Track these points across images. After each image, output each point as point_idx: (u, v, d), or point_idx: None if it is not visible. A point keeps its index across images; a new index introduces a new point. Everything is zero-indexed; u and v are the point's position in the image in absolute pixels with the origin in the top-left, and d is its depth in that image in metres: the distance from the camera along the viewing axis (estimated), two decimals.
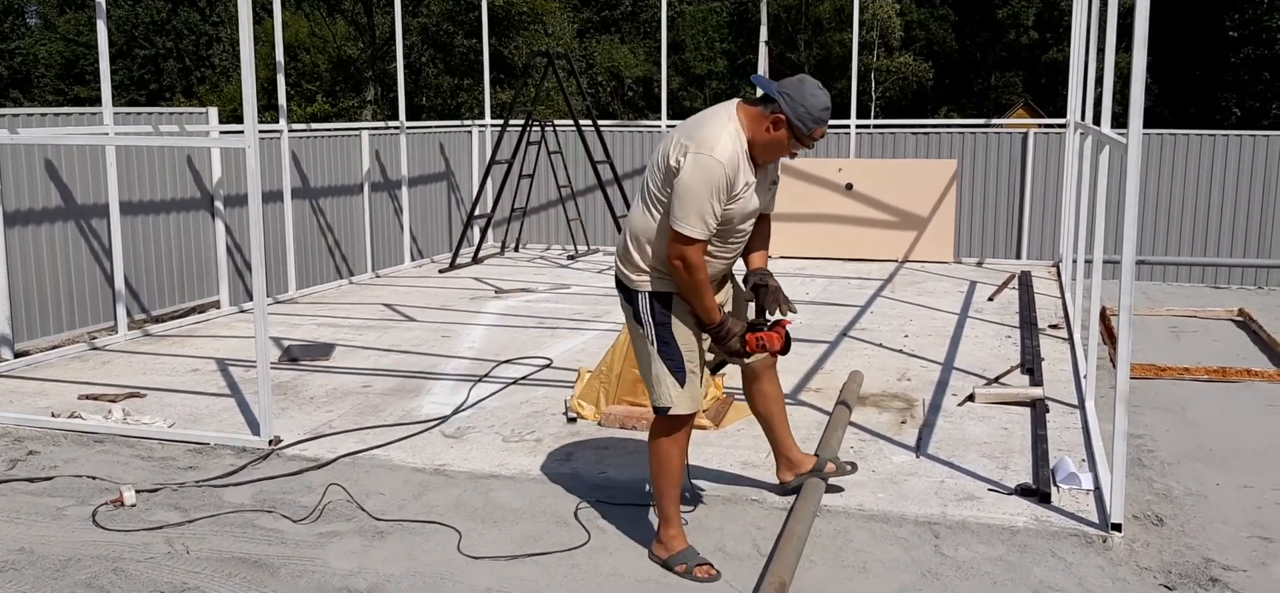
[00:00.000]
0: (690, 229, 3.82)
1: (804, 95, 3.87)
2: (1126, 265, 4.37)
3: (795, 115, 3.86)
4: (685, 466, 4.27)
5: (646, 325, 4.07)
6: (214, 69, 40.25)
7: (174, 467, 5.34)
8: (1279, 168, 11.87)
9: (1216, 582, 4.04)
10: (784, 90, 3.88)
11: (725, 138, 3.85)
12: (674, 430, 4.11)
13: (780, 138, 3.90)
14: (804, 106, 3.86)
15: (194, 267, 9.73)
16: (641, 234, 4.03)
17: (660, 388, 4.08)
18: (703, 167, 3.79)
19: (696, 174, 3.79)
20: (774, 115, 3.88)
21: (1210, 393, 6.89)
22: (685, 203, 3.81)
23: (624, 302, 4.18)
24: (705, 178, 3.80)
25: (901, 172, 12.37)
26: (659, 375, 4.07)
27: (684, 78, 38.44)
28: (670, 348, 4.05)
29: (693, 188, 3.80)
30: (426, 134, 13.14)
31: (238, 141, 5.45)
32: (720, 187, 3.83)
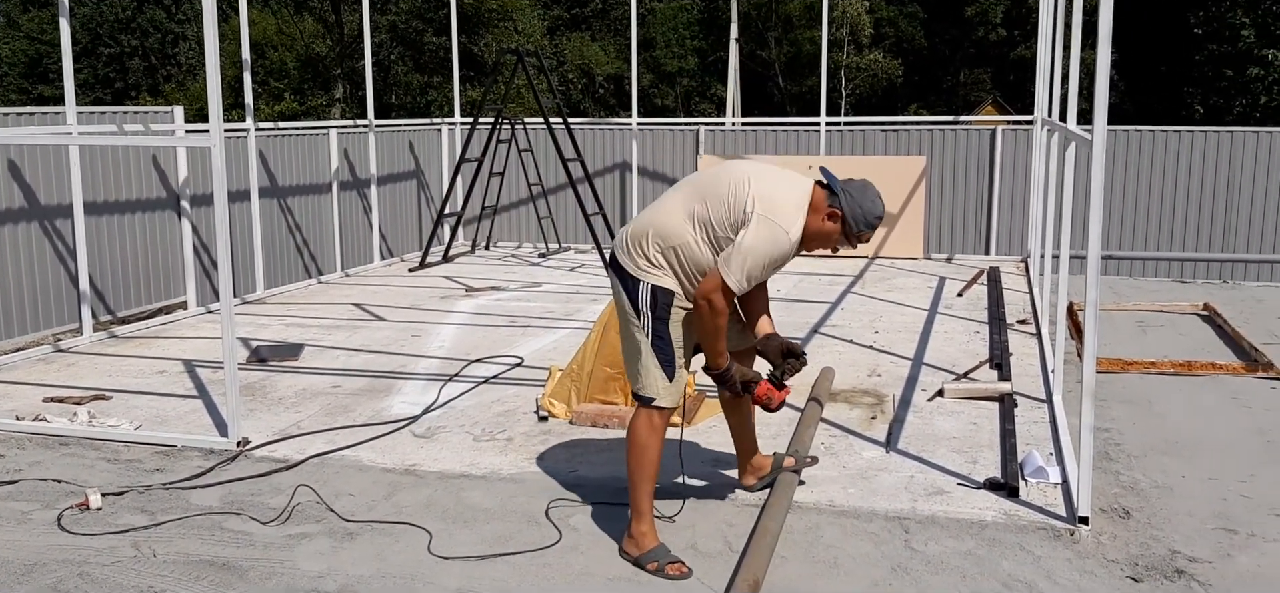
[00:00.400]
0: (735, 282, 3.91)
1: (865, 199, 4.02)
2: (1092, 261, 4.41)
3: (852, 216, 4.00)
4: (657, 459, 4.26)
5: (644, 315, 4.05)
6: (180, 67, 39.85)
7: (140, 469, 5.28)
8: (1242, 164, 12.01)
9: (1182, 573, 4.09)
10: (848, 189, 4.02)
11: (800, 220, 3.96)
12: (655, 421, 4.10)
13: (833, 231, 4.04)
14: (862, 210, 4.01)
15: (160, 267, 9.63)
16: (673, 242, 4.00)
17: (647, 378, 4.07)
18: (775, 239, 3.90)
19: (766, 242, 3.89)
20: (832, 210, 4.00)
21: (1176, 386, 6.96)
22: (744, 259, 3.89)
23: (620, 287, 4.14)
24: (771, 248, 3.91)
25: (871, 169, 12.41)
26: (647, 366, 4.06)
27: (655, 75, 38.43)
28: (664, 342, 4.05)
29: (757, 251, 3.89)
30: (396, 132, 13.08)
31: (203, 140, 5.40)
32: (778, 260, 3.97)
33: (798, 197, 3.99)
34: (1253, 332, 8.64)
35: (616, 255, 4.16)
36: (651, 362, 4.06)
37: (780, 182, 4.01)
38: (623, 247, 4.13)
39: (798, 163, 12.45)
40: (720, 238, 3.96)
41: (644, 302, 4.05)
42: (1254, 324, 9.04)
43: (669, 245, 4.01)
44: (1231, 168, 12.05)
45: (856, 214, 4.00)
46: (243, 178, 10.16)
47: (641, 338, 4.07)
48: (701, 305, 3.98)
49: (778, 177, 4.04)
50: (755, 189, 3.93)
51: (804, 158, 12.63)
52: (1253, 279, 12.06)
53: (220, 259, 5.43)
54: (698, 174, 4.18)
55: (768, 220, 3.88)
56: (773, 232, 3.89)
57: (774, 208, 3.91)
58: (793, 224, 3.93)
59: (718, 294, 3.94)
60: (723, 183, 4.00)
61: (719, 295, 3.94)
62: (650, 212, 4.14)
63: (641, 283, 4.04)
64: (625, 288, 4.10)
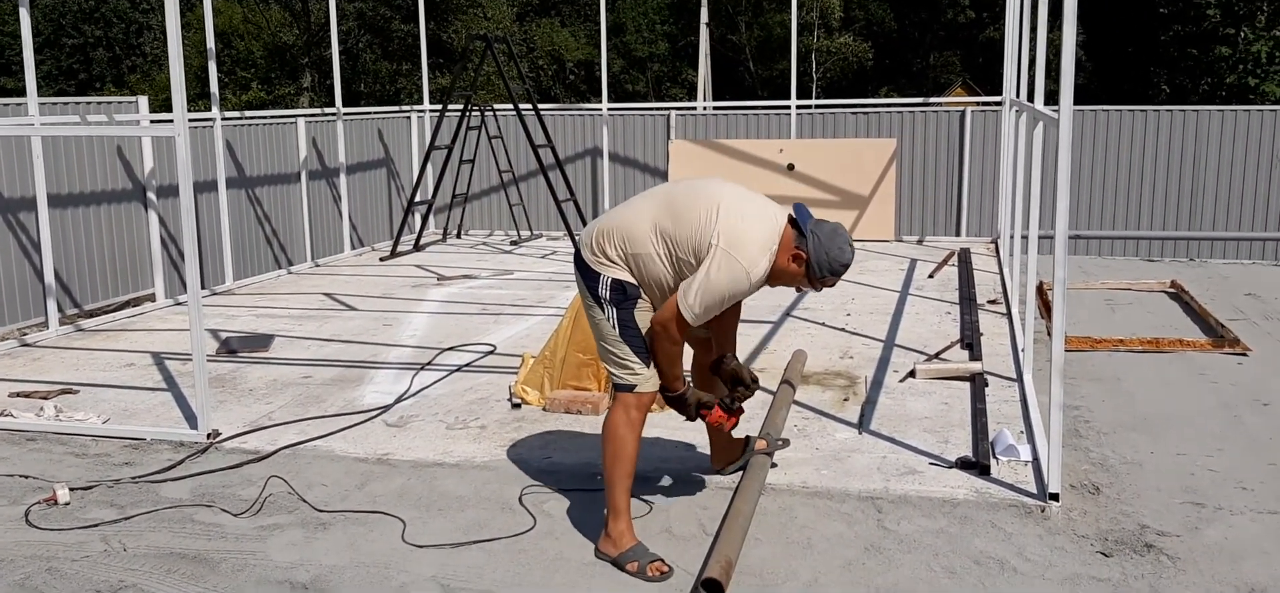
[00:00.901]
0: (692, 315, 3.85)
1: (832, 244, 3.89)
2: (1060, 240, 4.44)
3: (816, 260, 3.89)
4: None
5: (608, 307, 4.01)
6: (145, 58, 39.39)
7: (109, 463, 5.23)
8: (1208, 142, 12.13)
9: (1151, 547, 4.13)
10: (816, 232, 3.90)
11: (764, 263, 3.86)
12: (632, 415, 4.04)
13: (797, 272, 3.94)
14: (827, 255, 3.88)
15: (127, 259, 9.53)
16: (635, 249, 3.96)
17: (627, 366, 4.02)
18: (734, 277, 3.82)
19: (724, 279, 3.81)
20: (799, 251, 3.90)
21: (1144, 364, 7.03)
22: (702, 293, 3.82)
23: (583, 281, 4.11)
24: (730, 285, 3.84)
25: (842, 151, 12.46)
26: (624, 356, 4.02)
27: (625, 60, 38.36)
28: (632, 331, 4.02)
29: (715, 288, 3.82)
30: (365, 120, 12.99)
31: (168, 130, 5.33)
32: (736, 296, 3.92)
33: (766, 234, 3.88)
34: (1219, 308, 8.74)
35: (580, 250, 4.13)
36: (625, 350, 4.02)
37: (751, 215, 3.90)
38: (587, 243, 4.09)
39: (768, 147, 12.48)
40: (681, 259, 3.90)
41: (604, 293, 4.00)
42: (1220, 301, 9.15)
43: (630, 252, 3.97)
44: (1197, 147, 12.16)
45: (821, 259, 3.87)
46: (209, 168, 10.06)
47: (610, 330, 4.03)
48: (657, 330, 3.96)
49: (750, 210, 3.92)
50: (723, 222, 3.83)
51: (774, 142, 12.65)
52: (1219, 256, 12.19)
53: (186, 250, 5.37)
54: (675, 186, 4.10)
55: (729, 256, 3.79)
56: (733, 269, 3.80)
57: (738, 244, 3.81)
58: (755, 264, 3.83)
59: (673, 322, 3.90)
60: (696, 205, 3.91)
61: (674, 324, 3.89)
62: (620, 213, 4.09)
63: (602, 276, 4.01)
64: (587, 281, 4.07)
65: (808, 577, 3.91)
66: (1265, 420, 5.77)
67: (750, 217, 3.89)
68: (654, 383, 4.06)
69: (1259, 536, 4.25)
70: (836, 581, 3.88)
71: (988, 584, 3.83)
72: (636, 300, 4.01)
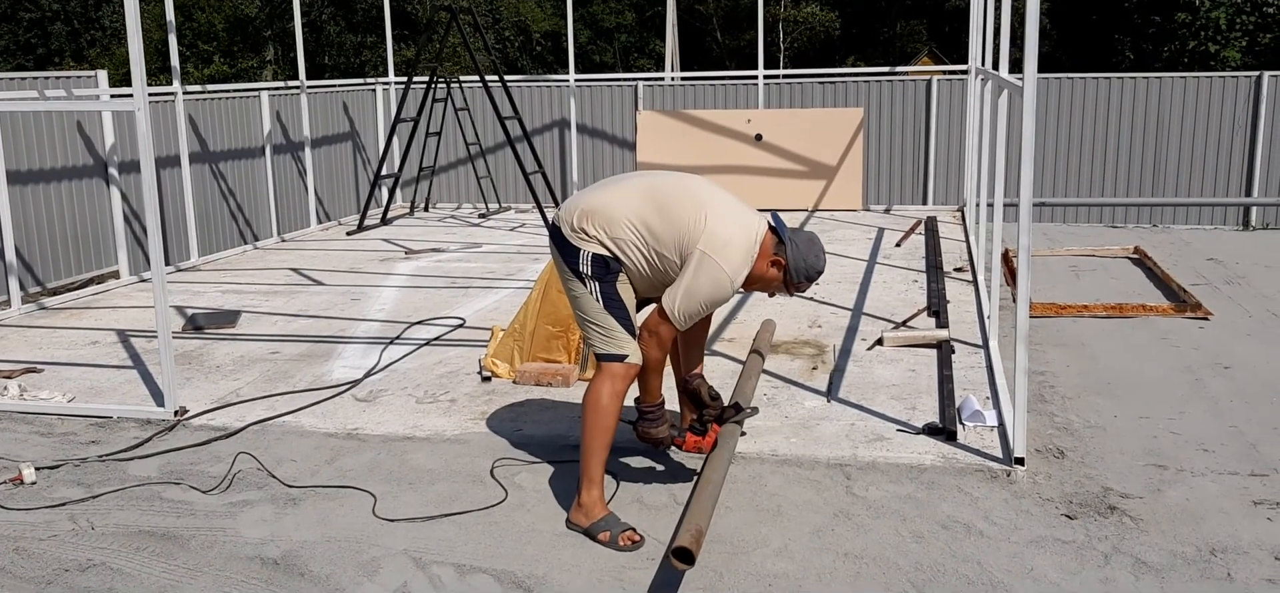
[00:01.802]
0: (677, 319, 3.97)
1: (810, 252, 4.06)
2: (1024, 207, 4.48)
3: (795, 267, 4.03)
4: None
5: (589, 281, 4.01)
6: (104, 31, 38.71)
7: (75, 442, 5.18)
8: (1170, 109, 12.25)
9: (1115, 509, 4.20)
10: (794, 240, 4.05)
11: (744, 269, 3.97)
12: (618, 386, 4.04)
13: (775, 278, 4.08)
14: (806, 262, 4.04)
15: (90, 236, 9.41)
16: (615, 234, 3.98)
17: (614, 338, 4.02)
18: (717, 283, 3.93)
19: (708, 284, 3.92)
20: (777, 258, 4.03)
21: (1108, 329, 7.11)
22: (686, 299, 3.94)
23: (561, 257, 4.11)
24: (713, 291, 3.95)
25: (810, 121, 12.48)
26: (610, 326, 4.02)
27: (592, 31, 38.15)
28: (616, 302, 4.03)
29: (698, 292, 3.93)
30: (329, 93, 12.86)
31: (127, 104, 5.26)
32: (717, 302, 4.02)
33: (749, 241, 3.98)
34: (1181, 273, 8.85)
35: (559, 226, 4.12)
36: (610, 321, 4.02)
37: (736, 224, 3.99)
38: (567, 220, 4.09)
39: (736, 117, 12.48)
40: (663, 255, 3.97)
41: (584, 268, 4.01)
42: (1182, 266, 9.26)
43: (610, 236, 4.00)
44: (1160, 114, 12.28)
45: (799, 266, 4.02)
46: (171, 143, 9.94)
47: (593, 303, 4.03)
48: (645, 337, 4.03)
49: (734, 217, 4.01)
50: (712, 226, 3.92)
51: (742, 112, 12.65)
52: (1181, 222, 12.34)
53: (149, 225, 5.32)
54: (661, 181, 4.11)
55: (714, 262, 3.89)
56: (717, 275, 3.90)
57: (723, 251, 3.91)
58: (737, 272, 3.94)
59: (661, 327, 3.99)
60: (683, 206, 3.97)
61: (664, 327, 3.99)
62: (602, 196, 4.08)
63: (582, 251, 4.01)
64: (565, 257, 4.07)
65: (778, 544, 3.95)
66: (1226, 383, 5.86)
67: (735, 225, 3.99)
68: (640, 355, 4.07)
69: (1219, 496, 4.32)
70: (806, 547, 3.92)
71: (954, 548, 3.88)
72: (618, 274, 4.03)
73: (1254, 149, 12.12)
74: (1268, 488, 4.40)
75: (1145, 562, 3.77)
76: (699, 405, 4.41)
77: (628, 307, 4.05)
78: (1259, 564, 3.74)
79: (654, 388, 4.19)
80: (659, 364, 4.13)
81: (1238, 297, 8.02)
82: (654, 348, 4.05)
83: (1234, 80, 12.21)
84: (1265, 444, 4.90)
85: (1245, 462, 4.69)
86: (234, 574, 3.82)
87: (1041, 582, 3.64)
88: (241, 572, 3.84)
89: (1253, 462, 4.69)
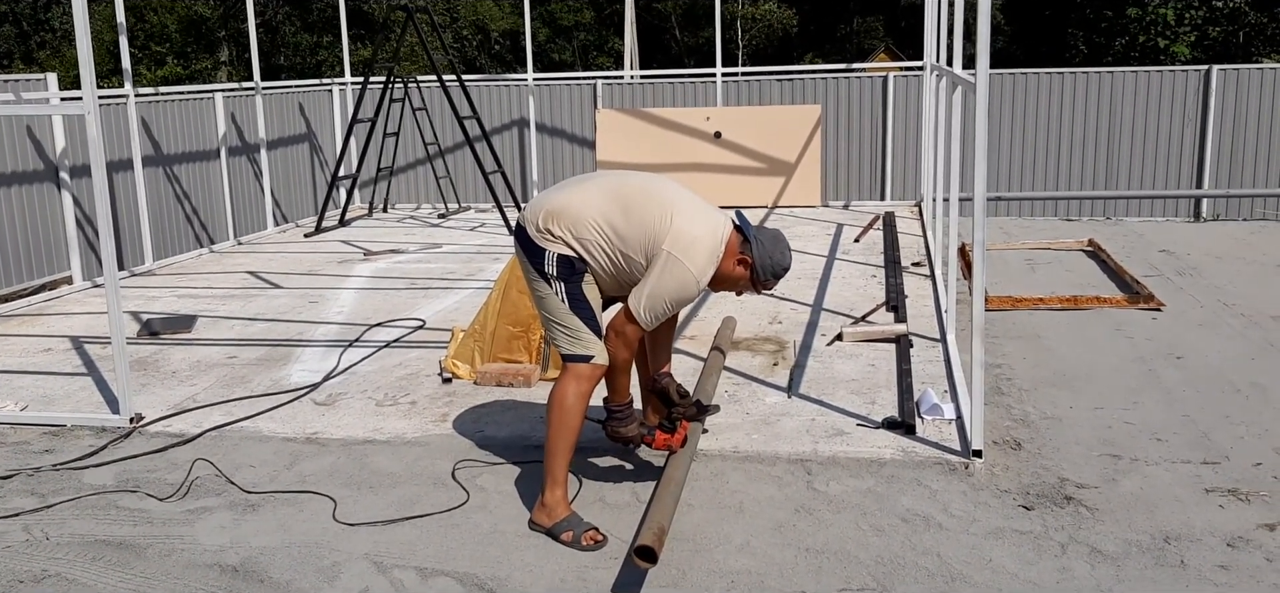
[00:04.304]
0: (643, 319, 3.98)
1: (776, 250, 4.09)
2: (978, 201, 4.52)
3: (761, 265, 4.06)
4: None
5: (554, 282, 4.01)
6: (54, 33, 38.07)
7: (28, 451, 5.10)
8: (1122, 103, 12.42)
9: (1071, 500, 4.25)
10: (760, 238, 4.07)
11: (710, 269, 3.99)
12: (583, 386, 4.03)
13: (741, 276, 4.10)
14: (771, 260, 4.07)
15: (41, 242, 9.26)
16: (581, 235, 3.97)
17: (579, 339, 4.02)
18: (683, 283, 3.94)
19: (674, 285, 3.94)
20: (743, 256, 4.05)
21: (1063, 321, 7.20)
22: (652, 299, 3.95)
23: (525, 258, 4.10)
24: (679, 291, 3.96)
25: (768, 119, 12.53)
26: (576, 327, 4.02)
27: (551, 29, 38.06)
28: (582, 302, 4.02)
29: (664, 292, 3.95)
30: (285, 94, 12.74)
31: (76, 108, 5.18)
32: (683, 301, 4.04)
33: (714, 241, 4.00)
34: (1134, 265, 8.98)
35: (524, 226, 4.11)
36: (576, 322, 4.02)
37: (701, 223, 4.00)
38: (531, 220, 4.08)
39: (695, 115, 12.50)
40: (629, 256, 3.97)
41: (550, 269, 4.01)
42: (1135, 258, 9.40)
43: (576, 236, 4.00)
44: (1113, 107, 12.45)
45: (765, 264, 4.05)
46: (124, 146, 9.81)
47: (559, 303, 4.02)
48: (612, 337, 4.03)
49: (699, 217, 4.02)
50: (677, 225, 3.93)
51: (701, 109, 12.68)
52: (1134, 215, 12.51)
53: (101, 229, 5.24)
54: (627, 181, 4.11)
55: (680, 262, 3.90)
56: (682, 275, 3.92)
57: (688, 251, 3.92)
58: (703, 272, 3.96)
59: (627, 328, 4.00)
60: (648, 207, 3.97)
61: (630, 327, 4.00)
62: (567, 197, 4.07)
63: (547, 252, 4.01)
64: (530, 257, 4.06)
65: (740, 540, 3.97)
66: (1179, 373, 5.96)
67: (700, 225, 4.01)
68: (606, 355, 4.07)
69: (1173, 485, 4.40)
70: (768, 542, 3.94)
71: (914, 541, 3.92)
72: (584, 274, 4.02)
73: (1204, 142, 12.31)
74: (1220, 476, 4.48)
75: (1101, 551, 3.82)
76: (668, 404, 4.41)
77: (594, 307, 4.05)
78: (1212, 551, 3.81)
79: (622, 387, 4.20)
80: (626, 364, 4.13)
81: (1189, 288, 8.15)
82: (621, 348, 4.05)
83: (1184, 74, 12.40)
84: (1217, 433, 4.98)
85: (1198, 450, 4.77)
86: (192, 583, 3.78)
87: (1000, 572, 3.68)
88: (200, 580, 3.80)
89: (1205, 450, 4.77)
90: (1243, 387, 5.68)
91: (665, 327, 4.41)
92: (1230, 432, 4.99)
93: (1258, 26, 27.91)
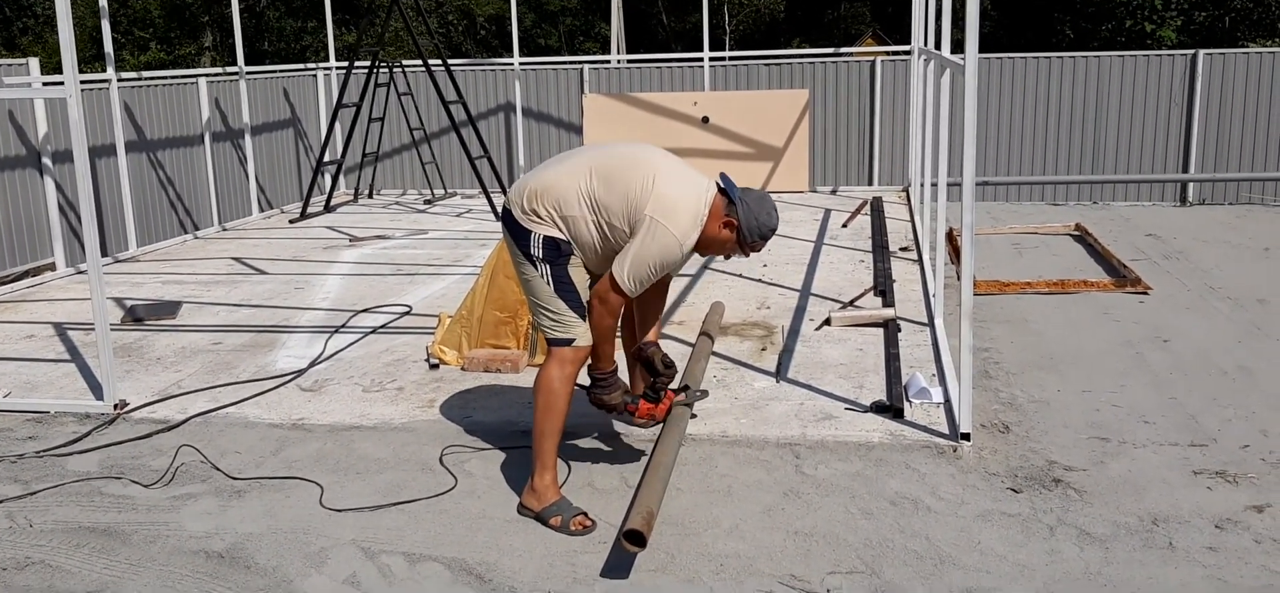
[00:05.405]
0: (627, 286, 3.91)
1: (762, 210, 4.01)
2: (967, 186, 4.52)
3: (747, 226, 3.98)
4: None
5: (540, 264, 3.98)
6: (36, 18, 37.79)
7: (11, 438, 5.06)
8: (1109, 87, 12.43)
9: (1059, 482, 4.26)
10: (745, 199, 4.00)
11: (694, 233, 3.93)
12: (568, 370, 4.02)
13: (728, 239, 4.02)
14: (758, 221, 3.99)
15: (24, 228, 9.18)
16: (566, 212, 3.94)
17: (563, 322, 4.00)
18: (666, 248, 3.88)
19: (657, 250, 3.87)
20: (729, 218, 3.98)
21: (1051, 304, 7.22)
22: (635, 265, 3.87)
23: (512, 240, 4.07)
24: (662, 255, 3.89)
25: (755, 103, 12.50)
26: (560, 311, 4.00)
27: (537, 14, 37.93)
28: (567, 285, 4.00)
29: (647, 257, 3.87)
30: (269, 79, 12.66)
31: (57, 92, 5.13)
32: (669, 267, 3.97)
33: (697, 205, 3.95)
34: (1121, 249, 9.00)
35: (510, 207, 4.08)
36: (561, 305, 4.00)
37: (683, 186, 3.96)
38: (517, 201, 4.05)
39: (683, 99, 12.47)
40: (614, 226, 3.92)
41: (536, 251, 3.98)
42: (1122, 242, 9.42)
43: (563, 214, 3.96)
44: (1099, 92, 12.46)
45: (752, 225, 3.97)
46: (107, 131, 9.73)
47: (543, 286, 4.00)
48: (595, 304, 3.99)
49: (682, 180, 3.98)
50: (659, 189, 3.88)
51: (689, 94, 12.64)
52: (1121, 199, 12.55)
53: (84, 215, 5.20)
54: (607, 151, 4.08)
55: (662, 227, 3.85)
56: (665, 239, 3.86)
57: (671, 214, 3.87)
58: (687, 235, 3.91)
59: (611, 295, 3.94)
60: (630, 174, 3.93)
61: (613, 296, 3.94)
62: (551, 174, 4.04)
63: (533, 233, 3.98)
64: (517, 239, 4.04)
65: (729, 524, 3.96)
66: (1165, 356, 5.97)
67: (683, 187, 3.96)
68: (590, 337, 4.05)
69: (1160, 467, 4.41)
70: (757, 526, 3.93)
71: (903, 524, 3.91)
72: (570, 256, 4.00)
73: (1190, 126, 12.34)
74: (1207, 458, 4.49)
75: (1089, 533, 3.83)
76: (653, 373, 4.36)
77: (579, 290, 4.03)
78: (1199, 533, 3.82)
79: (606, 355, 4.16)
80: (609, 332, 4.08)
81: (1176, 271, 8.17)
82: (604, 316, 4.00)
83: (1171, 58, 12.42)
84: (1204, 415, 5.00)
85: (1185, 433, 4.78)
86: (178, 569, 3.75)
87: (988, 555, 3.68)
88: (186, 566, 3.77)
89: (1192, 433, 4.78)
90: (1229, 369, 5.70)
91: (654, 295, 4.36)
92: (1217, 414, 5.01)
93: (1244, 11, 27.98)
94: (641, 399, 4.33)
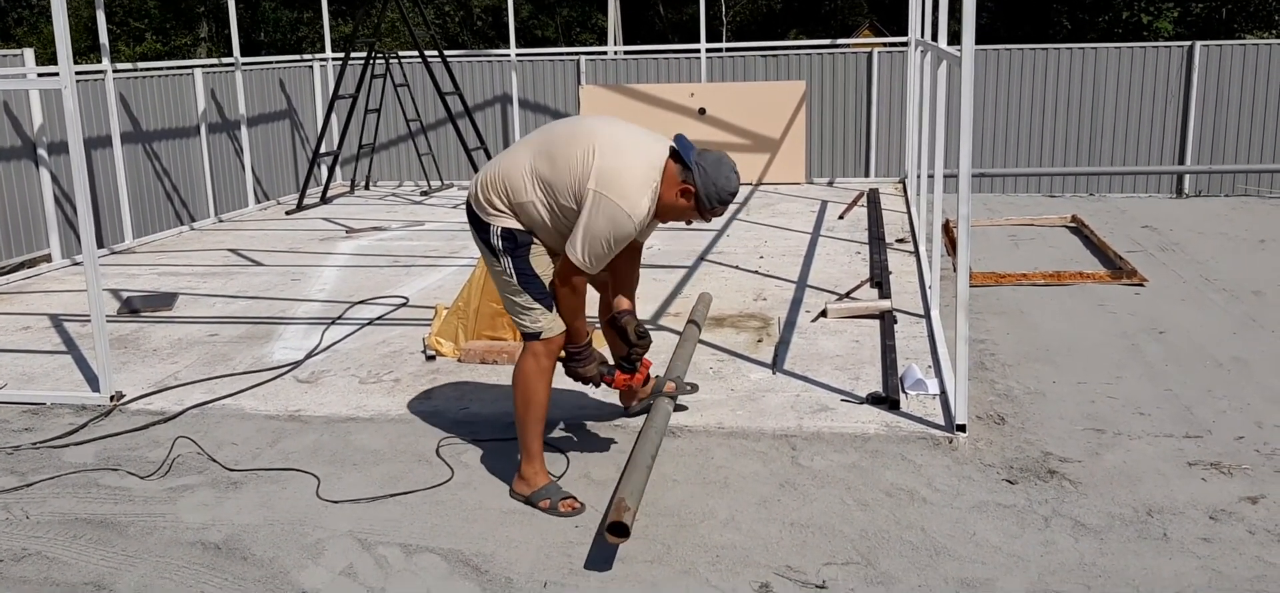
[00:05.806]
0: (583, 263, 3.83)
1: (719, 174, 3.84)
2: (963, 178, 4.52)
3: (705, 192, 3.83)
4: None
5: (502, 257, 3.99)
6: (31, 8, 37.67)
7: (8, 430, 5.06)
8: (1105, 79, 12.43)
9: (1054, 473, 4.27)
10: (701, 163, 3.84)
11: (645, 200, 3.81)
12: (542, 362, 4.04)
13: (687, 206, 3.89)
14: (715, 185, 3.83)
15: (20, 219, 9.16)
16: (518, 198, 3.91)
17: (529, 315, 4.01)
18: (615, 220, 3.76)
19: (605, 223, 3.76)
20: (685, 185, 3.84)
21: (1047, 296, 7.22)
22: (588, 241, 3.78)
23: (476, 234, 4.10)
24: (612, 229, 3.78)
25: (752, 95, 12.50)
26: (526, 303, 4.01)
27: (534, 5, 37.86)
28: (531, 278, 4.00)
29: (597, 232, 3.77)
30: (265, 70, 12.63)
31: (53, 82, 5.12)
32: (624, 239, 3.85)
33: (644, 172, 3.82)
34: (1117, 241, 9.00)
35: (469, 201, 4.09)
36: (526, 298, 4.00)
37: (629, 153, 3.84)
38: (474, 194, 4.05)
39: (679, 91, 12.46)
40: (563, 205, 3.85)
41: (496, 243, 3.98)
42: (1118, 233, 9.42)
43: (514, 201, 3.93)
44: (1096, 84, 12.46)
45: (710, 191, 3.82)
46: (102, 122, 9.71)
47: (508, 279, 4.01)
48: (558, 284, 3.97)
49: (628, 147, 3.87)
50: (599, 162, 3.77)
51: (685, 86, 12.64)
52: (1117, 191, 12.56)
53: (80, 206, 5.19)
54: (552, 129, 4.03)
55: (607, 199, 3.74)
56: (613, 212, 3.75)
57: (614, 185, 3.75)
58: (636, 205, 3.77)
59: (571, 274, 3.91)
60: (571, 148, 3.84)
61: (572, 275, 3.91)
62: (501, 161, 4.02)
63: (491, 226, 3.98)
64: (479, 233, 4.05)
65: (725, 515, 3.96)
66: (1161, 348, 5.98)
67: (626, 155, 3.84)
68: (559, 326, 4.06)
69: (1155, 458, 4.41)
70: (753, 517, 3.94)
71: (899, 515, 3.92)
72: (530, 246, 3.98)
73: (1187, 118, 12.35)
74: (1202, 449, 4.50)
75: (1084, 524, 3.83)
76: (627, 342, 4.32)
77: (543, 280, 4.02)
78: (1194, 524, 3.83)
79: (578, 330, 4.13)
80: (577, 310, 4.05)
81: (1172, 263, 8.18)
82: (569, 296, 3.98)
83: (1167, 50, 12.42)
84: (1199, 407, 5.01)
85: (1180, 424, 4.79)
86: (175, 560, 3.76)
87: (984, 546, 3.69)
88: (182, 557, 3.77)
89: (1187, 424, 4.79)
90: (1225, 361, 5.71)
91: (627, 263, 4.31)
92: (1212, 406, 5.02)
93: (1240, 2, 27.98)
94: (617, 370, 4.34)
